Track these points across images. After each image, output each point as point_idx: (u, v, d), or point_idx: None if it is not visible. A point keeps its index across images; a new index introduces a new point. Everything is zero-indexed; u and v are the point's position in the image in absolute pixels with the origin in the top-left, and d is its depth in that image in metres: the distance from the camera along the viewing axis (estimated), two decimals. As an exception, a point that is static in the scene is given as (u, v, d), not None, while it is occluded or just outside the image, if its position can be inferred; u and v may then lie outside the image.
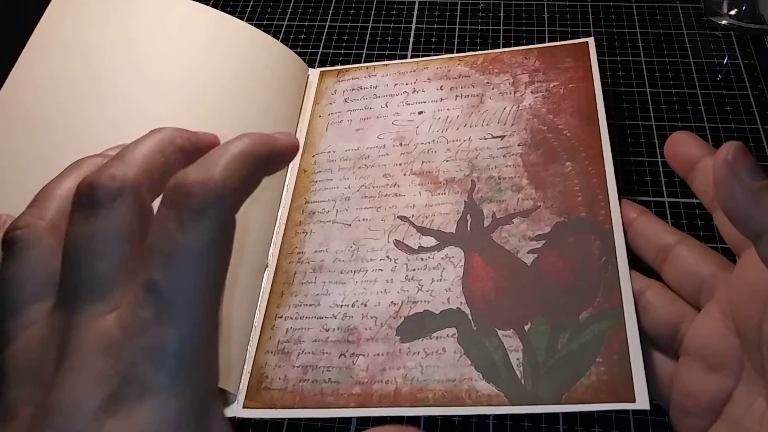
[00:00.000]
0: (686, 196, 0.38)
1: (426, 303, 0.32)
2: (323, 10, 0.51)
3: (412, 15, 0.50)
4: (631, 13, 0.48)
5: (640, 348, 0.28)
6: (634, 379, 0.27)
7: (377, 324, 0.32)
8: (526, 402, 0.28)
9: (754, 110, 0.42)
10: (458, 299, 0.32)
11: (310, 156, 0.40)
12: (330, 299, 0.33)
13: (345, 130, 0.40)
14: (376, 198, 0.36)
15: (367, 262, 0.34)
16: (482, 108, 0.39)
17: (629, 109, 0.42)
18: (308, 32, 0.50)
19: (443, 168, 0.37)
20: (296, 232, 0.36)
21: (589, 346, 0.29)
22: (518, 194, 0.35)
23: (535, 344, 0.30)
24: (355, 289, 0.33)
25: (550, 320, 0.30)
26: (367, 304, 0.33)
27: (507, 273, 0.32)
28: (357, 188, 0.37)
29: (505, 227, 0.34)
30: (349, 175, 0.38)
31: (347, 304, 0.33)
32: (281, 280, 0.35)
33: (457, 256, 0.33)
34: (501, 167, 0.36)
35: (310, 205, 0.37)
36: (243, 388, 0.31)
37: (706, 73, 0.44)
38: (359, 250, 0.35)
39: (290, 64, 0.42)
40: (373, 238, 0.35)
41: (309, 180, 0.38)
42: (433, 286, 0.32)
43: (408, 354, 0.30)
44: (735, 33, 0.46)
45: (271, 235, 0.36)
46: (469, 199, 0.35)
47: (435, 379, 0.29)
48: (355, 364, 0.31)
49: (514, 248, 0.33)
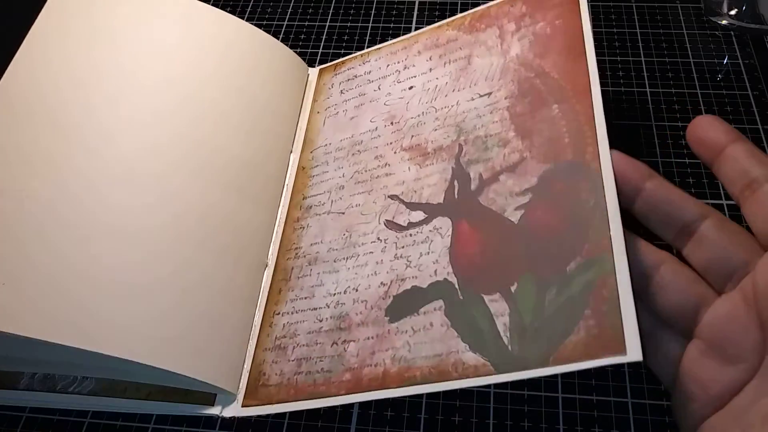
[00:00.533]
0: (686, 196, 0.38)
1: (414, 279, 0.31)
2: (323, 10, 0.51)
3: (412, 15, 0.50)
4: (631, 13, 0.48)
5: (631, 294, 0.25)
6: (625, 329, 0.24)
7: (367, 307, 0.31)
8: (513, 369, 0.26)
9: (754, 110, 0.42)
10: (445, 270, 0.31)
11: (308, 153, 0.39)
12: (324, 289, 0.33)
13: (340, 120, 0.40)
14: (368, 182, 0.36)
15: (358, 247, 0.33)
16: (470, 69, 0.38)
17: (629, 109, 0.42)
18: (308, 32, 0.50)
19: (431, 138, 0.36)
20: (294, 228, 0.36)
21: (578, 299, 0.26)
22: (504, 149, 0.33)
23: (521, 306, 0.28)
24: (347, 275, 0.33)
25: (536, 277, 0.28)
26: (358, 288, 0.32)
27: (493, 235, 0.31)
28: (350, 175, 0.37)
29: (492, 187, 0.32)
30: (343, 164, 0.37)
31: (339, 292, 0.32)
32: (279, 278, 0.35)
33: (444, 226, 0.32)
34: (488, 125, 0.34)
35: (307, 200, 0.37)
36: (243, 387, 0.31)
37: (706, 73, 0.44)
38: (351, 236, 0.34)
39: (290, 64, 0.42)
40: (364, 222, 0.34)
41: (307, 176, 0.38)
42: (421, 260, 0.32)
43: (396, 334, 0.30)
44: (735, 33, 0.46)
45: (271, 234, 0.37)
46: (456, 164, 0.34)
47: (422, 356, 0.29)
48: (347, 351, 0.30)
49: (501, 207, 0.31)
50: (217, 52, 0.38)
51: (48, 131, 0.32)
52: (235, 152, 0.36)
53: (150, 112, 0.34)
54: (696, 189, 0.38)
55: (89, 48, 0.35)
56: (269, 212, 0.37)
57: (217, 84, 0.37)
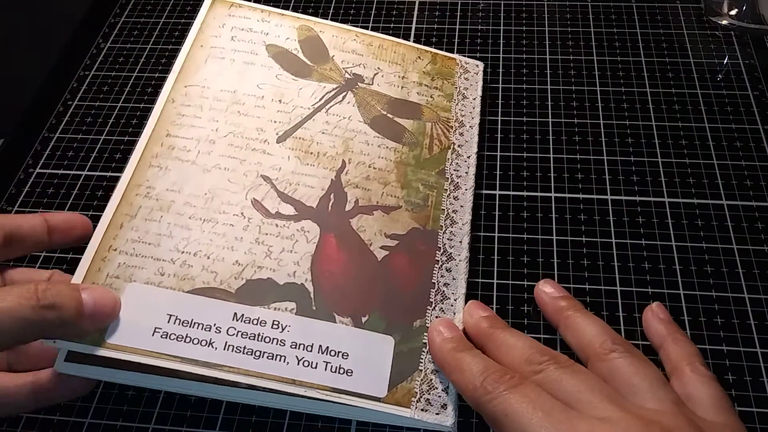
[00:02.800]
0: (686, 196, 0.38)
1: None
2: (323, 10, 0.51)
3: (412, 15, 0.50)
4: (631, 13, 0.48)
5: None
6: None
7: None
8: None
9: (754, 110, 0.42)
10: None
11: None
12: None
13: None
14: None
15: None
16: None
17: (629, 109, 0.42)
18: (308, 32, 0.50)
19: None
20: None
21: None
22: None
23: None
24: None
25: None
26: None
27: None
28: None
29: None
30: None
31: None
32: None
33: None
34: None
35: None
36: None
37: (706, 73, 0.44)
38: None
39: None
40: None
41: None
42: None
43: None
44: (735, 33, 0.46)
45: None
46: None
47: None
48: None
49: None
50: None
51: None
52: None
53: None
54: (696, 189, 0.38)
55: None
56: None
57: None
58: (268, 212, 0.33)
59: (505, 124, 0.42)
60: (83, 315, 0.26)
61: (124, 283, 0.30)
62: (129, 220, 0.32)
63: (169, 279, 0.30)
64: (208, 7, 0.40)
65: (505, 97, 0.44)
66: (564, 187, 0.39)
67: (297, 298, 0.31)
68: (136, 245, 0.31)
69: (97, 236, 0.31)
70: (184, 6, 0.52)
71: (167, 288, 0.30)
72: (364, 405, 0.28)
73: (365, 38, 0.41)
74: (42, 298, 0.25)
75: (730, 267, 0.35)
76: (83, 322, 0.27)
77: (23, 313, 0.24)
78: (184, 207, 0.32)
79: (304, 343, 0.29)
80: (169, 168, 0.34)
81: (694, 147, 0.40)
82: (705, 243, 0.36)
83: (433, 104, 0.40)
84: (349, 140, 0.36)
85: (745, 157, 0.39)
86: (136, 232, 0.31)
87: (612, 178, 0.39)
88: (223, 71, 0.38)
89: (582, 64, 0.45)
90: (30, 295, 0.25)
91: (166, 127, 0.35)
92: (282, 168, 0.35)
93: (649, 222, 0.37)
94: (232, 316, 0.29)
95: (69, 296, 0.26)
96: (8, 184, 0.42)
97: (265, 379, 0.28)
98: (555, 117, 0.42)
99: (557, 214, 0.38)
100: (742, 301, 0.34)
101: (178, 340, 0.28)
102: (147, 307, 0.29)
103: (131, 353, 0.28)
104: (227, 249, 0.31)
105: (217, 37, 0.39)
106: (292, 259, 0.32)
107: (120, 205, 0.32)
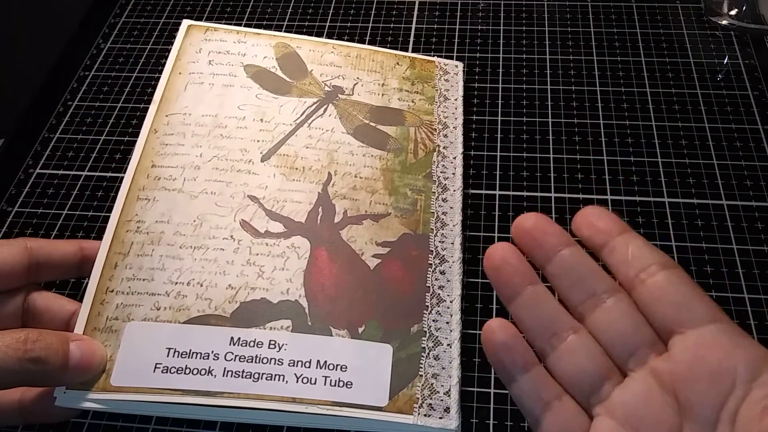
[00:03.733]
0: (686, 196, 0.38)
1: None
2: (323, 10, 0.51)
3: (412, 15, 0.50)
4: (631, 13, 0.48)
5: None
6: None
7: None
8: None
9: (754, 110, 0.42)
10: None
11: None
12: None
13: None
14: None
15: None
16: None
17: (629, 109, 0.42)
18: (308, 32, 0.50)
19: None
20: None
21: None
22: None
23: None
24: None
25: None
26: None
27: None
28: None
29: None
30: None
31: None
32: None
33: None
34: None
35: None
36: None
37: (706, 73, 0.44)
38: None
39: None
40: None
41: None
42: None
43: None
44: (735, 33, 0.46)
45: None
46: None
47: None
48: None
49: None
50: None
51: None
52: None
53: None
54: (696, 189, 0.38)
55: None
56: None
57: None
58: (257, 232, 0.33)
59: (505, 124, 0.42)
60: (68, 369, 0.27)
61: (123, 324, 0.30)
62: (122, 259, 0.32)
63: (166, 312, 0.30)
64: (184, 34, 0.41)
65: (505, 97, 0.44)
66: (564, 187, 0.39)
67: (292, 315, 0.31)
68: (131, 283, 0.31)
69: (94, 279, 0.31)
70: (184, 6, 0.52)
71: (164, 321, 0.30)
72: (366, 416, 0.28)
73: (342, 49, 0.41)
74: (29, 349, 0.25)
75: (730, 267, 0.35)
76: (67, 375, 0.27)
77: (8, 363, 0.25)
78: (174, 237, 0.33)
79: (301, 360, 0.29)
80: (157, 198, 0.34)
81: (694, 147, 0.40)
82: (705, 243, 0.36)
83: (415, 108, 0.40)
84: (334, 152, 0.36)
85: (745, 157, 0.39)
86: (131, 269, 0.32)
87: (612, 178, 0.39)
88: (203, 96, 0.38)
89: (582, 64, 0.45)
90: (18, 345, 0.25)
91: (150, 158, 0.35)
92: (268, 186, 0.35)
93: (649, 222, 0.37)
94: (228, 341, 0.30)
95: (56, 350, 0.27)
96: (8, 184, 0.42)
97: (265, 401, 0.28)
98: (555, 117, 0.42)
99: (557, 214, 0.38)
100: (742, 301, 0.34)
101: (178, 372, 0.29)
102: (146, 343, 0.29)
103: (134, 393, 0.28)
104: (219, 274, 0.32)
105: (194, 63, 0.39)
106: (284, 277, 0.32)
107: (112, 244, 0.32)
